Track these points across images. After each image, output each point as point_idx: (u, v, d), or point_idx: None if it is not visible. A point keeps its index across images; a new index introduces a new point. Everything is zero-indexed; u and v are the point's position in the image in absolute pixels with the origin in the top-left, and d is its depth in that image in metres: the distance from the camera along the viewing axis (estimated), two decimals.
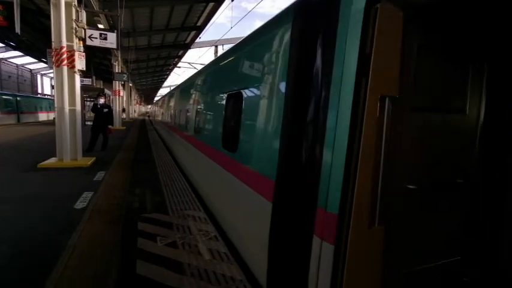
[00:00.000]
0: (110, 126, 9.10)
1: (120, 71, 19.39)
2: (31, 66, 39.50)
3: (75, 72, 6.75)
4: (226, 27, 24.75)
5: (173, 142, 9.06)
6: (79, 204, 4.18)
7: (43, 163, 6.61)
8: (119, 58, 19.50)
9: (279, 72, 2.35)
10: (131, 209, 4.08)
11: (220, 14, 18.00)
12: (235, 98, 3.47)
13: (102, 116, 8.93)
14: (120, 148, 9.92)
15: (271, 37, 2.58)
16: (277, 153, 2.21)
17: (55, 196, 4.58)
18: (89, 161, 7.06)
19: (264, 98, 2.63)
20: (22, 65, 38.14)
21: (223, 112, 3.78)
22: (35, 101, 29.13)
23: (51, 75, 28.78)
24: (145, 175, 6.12)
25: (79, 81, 6.98)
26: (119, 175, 6.01)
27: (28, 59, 33.82)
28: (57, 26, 6.46)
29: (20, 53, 30.07)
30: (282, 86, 2.28)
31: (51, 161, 6.74)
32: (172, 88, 12.37)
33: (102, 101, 9.05)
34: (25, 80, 39.53)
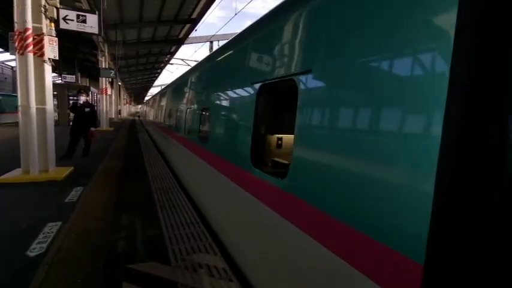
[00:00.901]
0: (92, 129, 7.66)
1: (107, 67, 17.82)
2: (13, 63, 37.19)
3: (44, 61, 5.35)
4: (217, 27, 23.51)
5: (170, 148, 7.69)
6: (35, 248, 2.83)
7: (2, 177, 5.18)
8: (106, 53, 17.95)
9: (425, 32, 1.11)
10: (114, 255, 2.76)
11: (212, 10, 16.61)
12: (279, 89, 2.21)
13: (84, 116, 7.51)
14: (105, 154, 8.51)
15: None
16: (427, 201, 0.98)
17: (4, 231, 3.22)
18: (64, 172, 5.66)
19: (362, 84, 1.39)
20: (2, 62, 35.83)
21: (253, 112, 2.50)
22: (16, 100, 27.05)
23: None
24: (135, 192, 4.79)
25: (50, 73, 5.58)
26: (101, 193, 4.66)
27: (10, 56, 31.66)
28: (21, 2, 5.06)
29: (0, 49, 28.01)
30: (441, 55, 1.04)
31: (14, 174, 5.32)
32: (168, 84, 10.62)
33: (83, 99, 7.61)
34: (6, 78, 37.19)
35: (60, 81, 21.45)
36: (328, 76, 1.64)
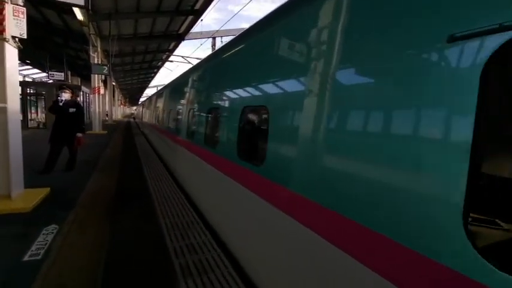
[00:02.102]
0: (78, 135, 5.97)
1: (100, 63, 16.08)
2: None
3: (5, 40, 3.72)
4: (213, 28, 22.01)
5: (180, 160, 6.03)
6: None
7: None
8: (99, 48, 16.23)
9: None
10: None
11: (213, 6, 15.02)
12: None
13: (67, 119, 5.84)
14: (96, 165, 6.83)
15: None
16: None
17: None
18: (35, 198, 4.02)
19: None
20: None
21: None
22: None
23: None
24: (137, 236, 3.16)
25: (15, 57, 3.95)
26: (84, 240, 3.02)
27: None
28: None
29: None
30: None
31: None
32: (173, 80, 8.51)
33: (66, 96, 5.92)
34: None
35: (48, 80, 19.68)
36: None
